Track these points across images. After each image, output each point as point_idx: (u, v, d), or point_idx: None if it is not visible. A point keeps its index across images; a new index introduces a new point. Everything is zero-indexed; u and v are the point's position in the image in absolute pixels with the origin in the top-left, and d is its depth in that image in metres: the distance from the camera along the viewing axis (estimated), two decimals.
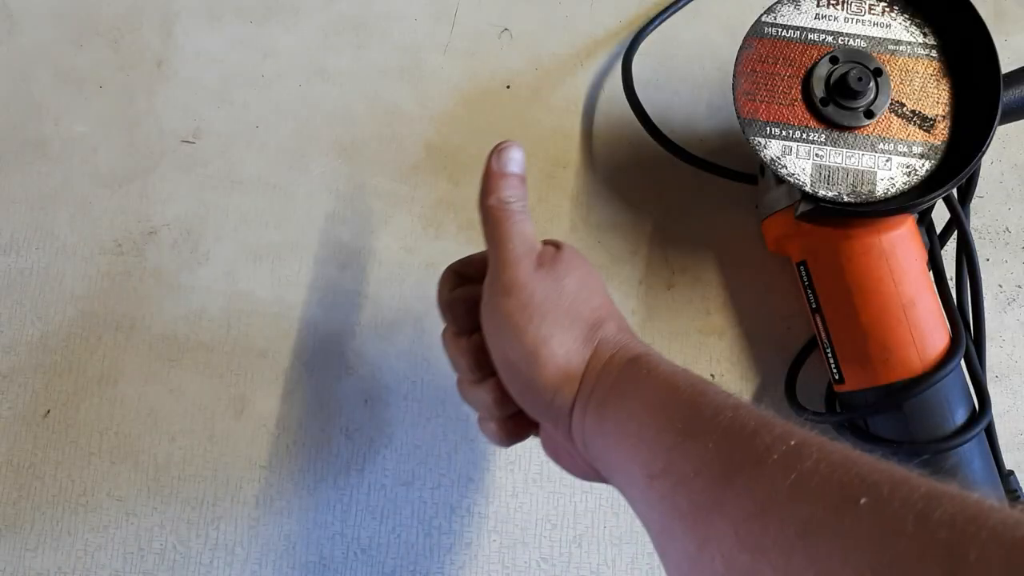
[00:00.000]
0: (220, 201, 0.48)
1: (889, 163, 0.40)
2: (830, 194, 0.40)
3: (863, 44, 0.42)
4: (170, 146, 0.48)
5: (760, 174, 0.46)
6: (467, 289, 0.35)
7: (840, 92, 0.40)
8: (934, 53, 0.42)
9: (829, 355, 0.43)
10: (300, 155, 0.49)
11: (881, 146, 0.41)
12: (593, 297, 0.33)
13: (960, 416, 0.40)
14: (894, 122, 0.41)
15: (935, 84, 0.41)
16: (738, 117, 0.41)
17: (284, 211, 0.48)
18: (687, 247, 0.49)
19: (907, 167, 0.40)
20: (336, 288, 0.47)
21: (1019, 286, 0.49)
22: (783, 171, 0.40)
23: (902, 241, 0.41)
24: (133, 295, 0.46)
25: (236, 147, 0.49)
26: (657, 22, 0.51)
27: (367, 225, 0.48)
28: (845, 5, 0.42)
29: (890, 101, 0.41)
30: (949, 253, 0.46)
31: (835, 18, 0.42)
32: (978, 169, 0.44)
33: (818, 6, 0.42)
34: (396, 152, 0.49)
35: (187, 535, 0.43)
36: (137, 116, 0.49)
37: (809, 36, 0.42)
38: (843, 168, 0.40)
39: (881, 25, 0.42)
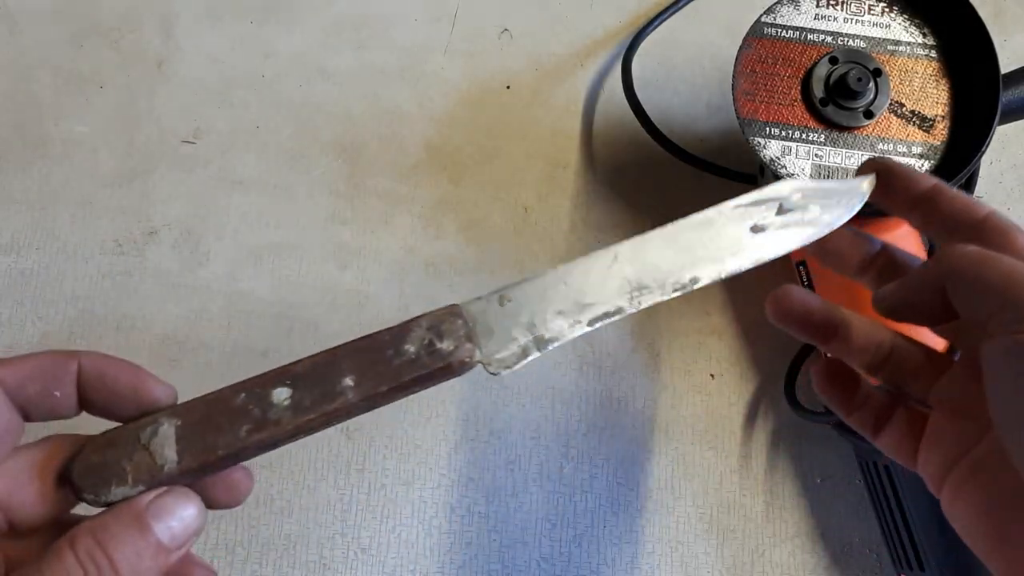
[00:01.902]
0: (220, 201, 0.48)
1: None
2: None
3: (862, 44, 0.42)
4: (170, 146, 0.48)
5: (760, 174, 0.46)
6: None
7: (839, 92, 0.40)
8: (933, 53, 0.42)
9: (828, 355, 0.43)
10: (300, 155, 0.49)
11: (880, 146, 0.41)
12: None
13: None
14: (893, 122, 0.41)
15: (934, 84, 0.41)
16: (738, 117, 0.41)
17: (284, 211, 0.48)
18: None
19: None
20: (336, 288, 0.47)
21: None
22: (783, 171, 0.40)
23: (902, 241, 0.41)
24: (133, 295, 0.46)
25: (236, 147, 0.49)
26: (657, 22, 0.51)
27: (367, 225, 0.48)
28: (844, 5, 0.42)
29: (889, 101, 0.41)
30: None
31: (834, 18, 0.42)
32: (977, 169, 0.44)
33: (817, 6, 0.42)
34: (396, 152, 0.49)
35: None
36: (137, 116, 0.49)
37: (808, 36, 0.42)
38: (842, 168, 0.40)
39: (880, 25, 0.42)
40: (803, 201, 0.29)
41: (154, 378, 0.28)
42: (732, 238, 0.29)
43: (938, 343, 0.30)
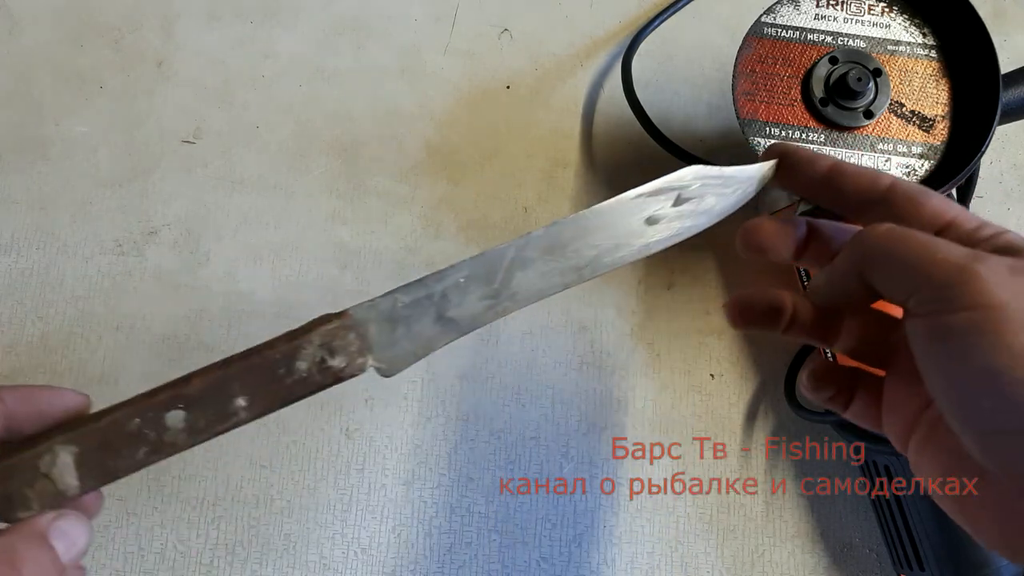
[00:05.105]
0: (220, 201, 0.48)
1: (888, 163, 0.40)
2: None
3: (862, 44, 0.42)
4: (170, 146, 0.48)
5: None
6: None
7: (839, 92, 0.40)
8: (933, 53, 0.42)
9: (829, 355, 0.43)
10: (300, 155, 0.49)
11: (880, 146, 0.41)
12: None
13: None
14: (893, 122, 0.41)
15: (934, 84, 0.41)
16: (738, 117, 0.41)
17: (284, 211, 0.48)
18: (687, 247, 0.48)
19: (906, 167, 0.40)
20: (336, 288, 0.47)
21: None
22: None
23: None
24: (133, 295, 0.46)
25: (236, 147, 0.49)
26: (657, 22, 0.51)
27: (367, 225, 0.48)
28: (844, 5, 0.42)
29: (889, 101, 0.41)
30: None
31: (834, 18, 0.42)
32: (977, 169, 0.44)
33: (817, 6, 0.42)
34: (396, 152, 0.49)
35: (187, 535, 0.43)
36: (137, 116, 0.49)
37: (808, 36, 0.42)
38: None
39: (880, 25, 0.42)
40: (701, 190, 0.30)
41: (70, 393, 0.29)
42: (625, 230, 0.30)
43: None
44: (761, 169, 0.30)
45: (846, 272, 0.26)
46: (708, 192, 0.30)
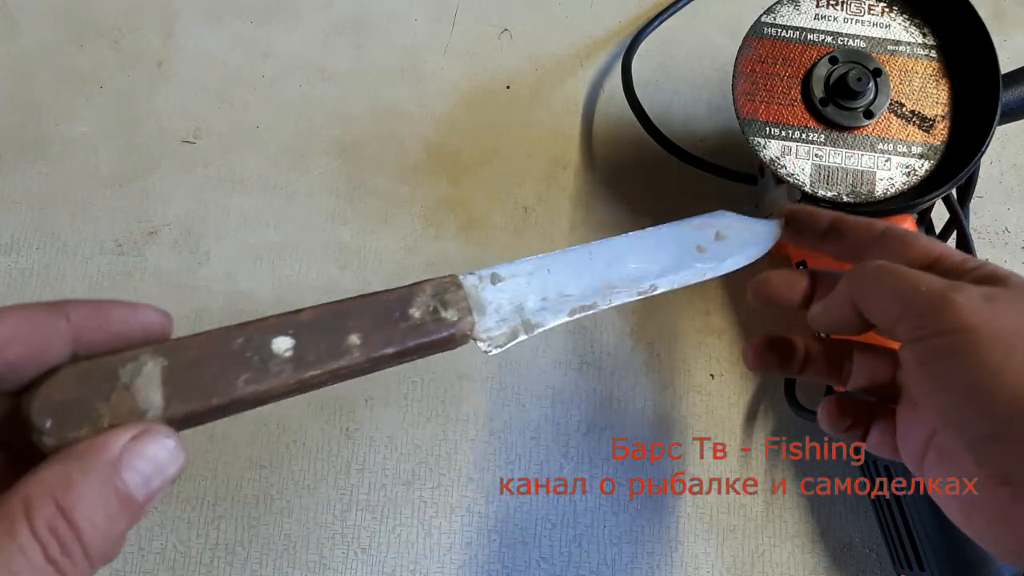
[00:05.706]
0: (220, 201, 0.48)
1: (888, 163, 0.40)
2: (829, 194, 0.40)
3: (862, 44, 0.42)
4: (170, 146, 0.48)
5: (760, 174, 0.46)
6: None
7: (839, 92, 0.40)
8: (933, 53, 0.42)
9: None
10: (300, 155, 0.49)
11: (880, 146, 0.41)
12: None
13: None
14: (893, 122, 0.41)
15: (934, 84, 0.41)
16: (737, 117, 0.41)
17: (284, 211, 0.48)
18: None
19: (906, 167, 0.40)
20: (336, 288, 0.47)
21: None
22: (782, 171, 0.40)
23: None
24: (133, 295, 0.46)
25: (236, 147, 0.49)
26: (657, 22, 0.51)
27: (367, 225, 0.48)
28: (844, 5, 0.42)
29: (889, 101, 0.41)
30: None
31: (834, 18, 0.42)
32: (977, 169, 0.44)
33: (817, 6, 0.42)
34: (396, 152, 0.49)
35: (187, 535, 0.43)
36: (137, 116, 0.49)
37: (808, 36, 0.42)
38: (842, 168, 0.40)
39: (880, 25, 0.42)
40: (736, 232, 0.33)
41: (149, 310, 0.24)
42: (682, 254, 0.33)
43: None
44: (775, 226, 0.34)
45: (841, 303, 0.29)
46: (740, 233, 0.33)
